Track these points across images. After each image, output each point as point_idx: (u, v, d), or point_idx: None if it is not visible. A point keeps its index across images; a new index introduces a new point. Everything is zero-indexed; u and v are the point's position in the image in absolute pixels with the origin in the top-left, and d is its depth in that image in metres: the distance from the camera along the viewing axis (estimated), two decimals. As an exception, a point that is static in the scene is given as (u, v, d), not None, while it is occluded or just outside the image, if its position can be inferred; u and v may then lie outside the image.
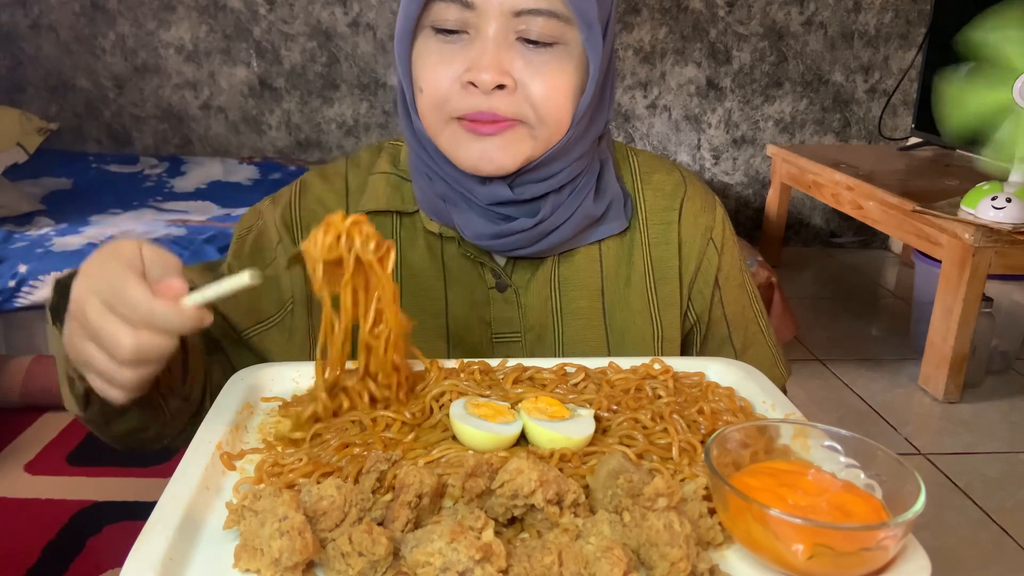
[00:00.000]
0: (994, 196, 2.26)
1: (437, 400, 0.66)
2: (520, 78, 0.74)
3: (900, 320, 3.07)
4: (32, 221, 2.43)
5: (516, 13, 0.72)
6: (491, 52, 0.72)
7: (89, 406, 0.71)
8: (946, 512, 1.90)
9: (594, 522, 0.48)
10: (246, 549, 0.46)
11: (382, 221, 0.85)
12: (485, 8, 0.72)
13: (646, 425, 0.63)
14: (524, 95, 0.74)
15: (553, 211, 0.81)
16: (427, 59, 0.75)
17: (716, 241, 0.90)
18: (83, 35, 3.30)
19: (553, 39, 0.74)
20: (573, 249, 0.86)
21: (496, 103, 0.73)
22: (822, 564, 0.47)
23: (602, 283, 0.87)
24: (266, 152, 3.52)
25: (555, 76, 0.74)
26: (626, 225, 0.87)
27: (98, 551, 1.65)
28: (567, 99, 0.76)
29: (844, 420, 2.29)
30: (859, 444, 0.55)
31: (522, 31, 0.73)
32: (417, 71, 0.76)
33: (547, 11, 0.72)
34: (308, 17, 3.36)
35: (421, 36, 0.76)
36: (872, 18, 3.55)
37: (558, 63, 0.74)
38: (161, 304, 0.57)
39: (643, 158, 0.93)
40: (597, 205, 0.84)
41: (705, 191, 0.92)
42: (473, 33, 0.74)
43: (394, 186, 0.87)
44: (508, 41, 0.73)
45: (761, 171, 3.73)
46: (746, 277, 0.94)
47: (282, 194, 0.89)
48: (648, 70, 3.55)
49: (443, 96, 0.75)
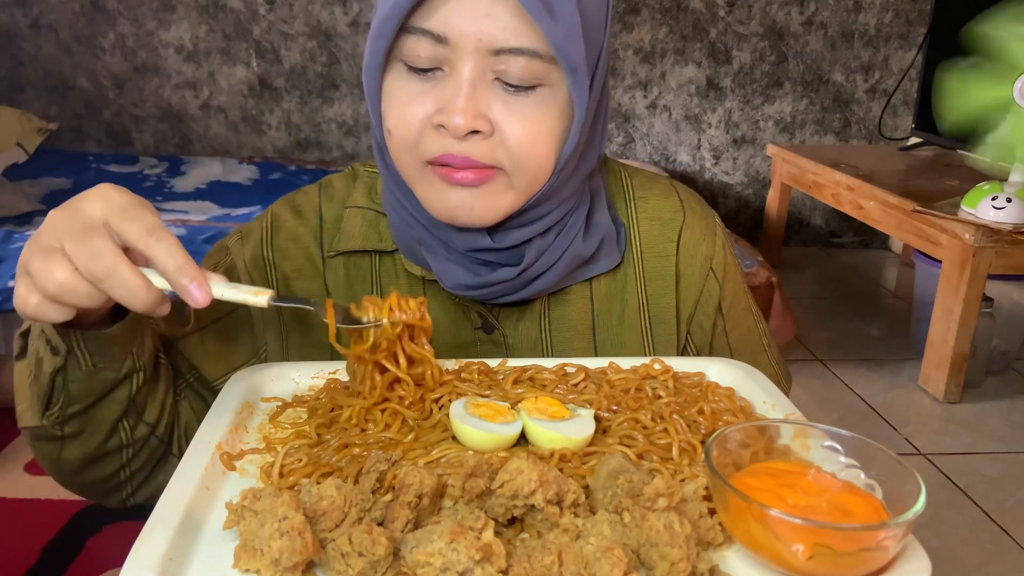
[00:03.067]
0: (994, 196, 2.26)
1: (436, 400, 0.66)
2: (497, 121, 0.67)
3: (900, 320, 3.07)
4: (32, 221, 2.43)
5: (495, 52, 0.65)
6: (465, 93, 0.65)
7: (51, 404, 0.66)
8: (946, 512, 1.90)
9: (594, 522, 0.48)
10: (246, 549, 0.46)
11: (359, 261, 0.81)
12: (460, 44, 0.65)
13: (646, 425, 0.63)
14: (501, 140, 0.68)
15: (538, 256, 0.76)
16: (396, 97, 0.69)
17: (717, 271, 0.85)
18: (83, 35, 3.30)
19: (535, 80, 0.67)
20: (564, 288, 0.81)
21: (470, 148, 0.67)
22: (822, 564, 0.47)
23: (593, 321, 0.82)
24: (266, 152, 3.52)
25: (536, 123, 0.68)
26: (619, 260, 0.82)
27: (98, 551, 1.65)
28: (548, 147, 0.69)
29: (844, 420, 2.29)
30: (859, 444, 0.55)
31: (501, 72, 0.66)
32: (385, 110, 0.70)
33: (529, 51, 0.65)
34: (308, 17, 3.36)
35: (392, 71, 0.69)
36: (872, 18, 3.55)
37: (540, 108, 0.68)
38: (128, 267, 0.56)
39: (638, 180, 0.87)
40: (587, 244, 0.79)
41: (704, 214, 0.87)
42: (447, 70, 0.67)
43: (371, 223, 0.81)
44: (485, 81, 0.66)
45: (761, 171, 3.73)
46: (749, 298, 0.90)
47: (252, 230, 0.82)
48: (648, 70, 3.55)
49: (412, 139, 0.68)
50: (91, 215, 0.56)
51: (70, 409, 0.66)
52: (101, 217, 0.56)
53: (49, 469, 0.72)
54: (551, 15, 0.64)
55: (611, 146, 3.65)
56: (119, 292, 0.56)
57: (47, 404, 0.66)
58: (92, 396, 0.66)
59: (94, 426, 0.68)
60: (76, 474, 0.71)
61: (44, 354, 0.64)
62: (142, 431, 0.71)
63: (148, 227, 0.57)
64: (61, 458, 0.70)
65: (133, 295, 0.56)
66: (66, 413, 0.67)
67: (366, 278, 0.81)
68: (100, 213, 0.57)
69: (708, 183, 3.75)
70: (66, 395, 0.66)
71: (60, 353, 0.63)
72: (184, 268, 0.57)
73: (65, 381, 0.65)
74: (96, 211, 0.57)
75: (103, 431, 0.69)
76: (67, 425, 0.67)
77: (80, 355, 0.64)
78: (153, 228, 0.57)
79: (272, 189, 2.96)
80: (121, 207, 0.57)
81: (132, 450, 0.71)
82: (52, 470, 0.72)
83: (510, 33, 0.64)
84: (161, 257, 0.57)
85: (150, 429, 0.72)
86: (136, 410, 0.70)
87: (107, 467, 0.71)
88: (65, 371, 0.64)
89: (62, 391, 0.65)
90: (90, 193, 0.58)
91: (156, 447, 0.73)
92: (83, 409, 0.67)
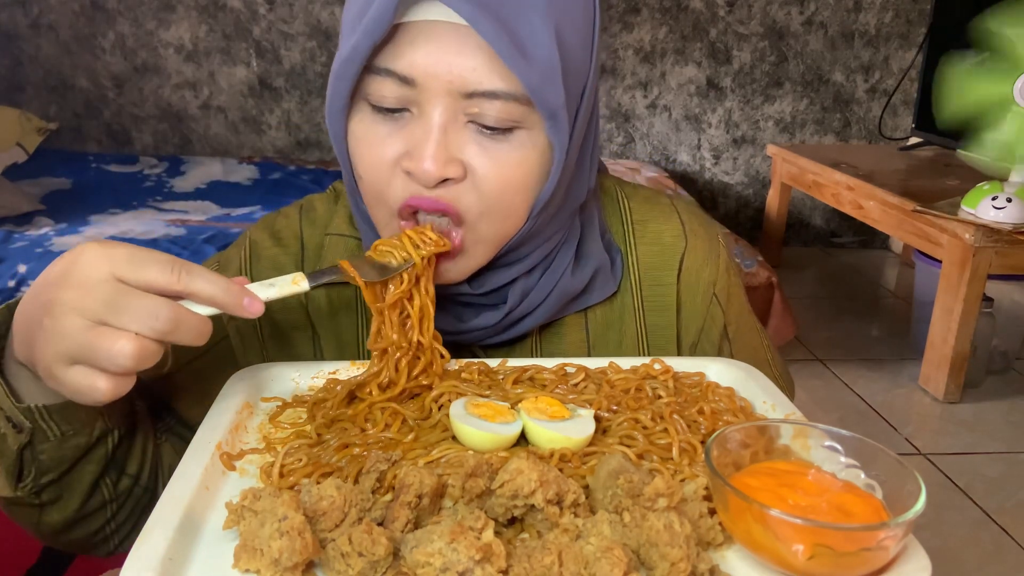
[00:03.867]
0: (994, 196, 2.26)
1: (436, 400, 0.66)
2: (471, 164, 0.63)
3: (900, 320, 3.07)
4: (32, 221, 2.43)
5: (467, 95, 0.60)
6: (435, 139, 0.61)
7: (23, 475, 0.61)
8: (946, 512, 1.90)
9: (594, 522, 0.48)
10: (246, 549, 0.46)
11: (342, 291, 0.77)
12: (429, 86, 0.60)
13: (646, 425, 0.63)
14: (473, 184, 0.63)
15: (523, 298, 0.72)
16: (363, 139, 0.64)
17: (720, 296, 0.81)
18: (83, 35, 3.30)
19: (513, 123, 0.62)
20: (558, 319, 0.78)
21: (440, 193, 0.63)
22: (822, 564, 0.46)
23: (589, 352, 0.79)
24: (266, 152, 3.52)
25: (512, 167, 0.63)
26: (615, 290, 0.78)
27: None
28: (522, 195, 0.65)
29: (844, 420, 2.29)
30: (859, 444, 0.55)
31: (475, 115, 0.61)
32: (354, 154, 0.65)
33: (504, 93, 0.60)
34: (308, 17, 3.36)
35: (357, 111, 0.64)
36: (872, 18, 3.55)
37: (518, 152, 0.63)
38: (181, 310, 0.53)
39: (636, 202, 0.82)
40: (578, 278, 0.75)
41: (707, 236, 0.82)
42: (416, 111, 0.62)
43: (353, 252, 0.77)
44: (458, 123, 0.62)
45: (761, 171, 3.73)
46: (751, 316, 0.87)
47: (230, 258, 0.79)
48: (648, 70, 3.55)
49: (381, 187, 0.65)
50: (104, 278, 0.51)
51: (44, 479, 0.63)
52: (117, 275, 0.52)
53: (30, 532, 0.68)
54: (524, 56, 0.59)
55: (611, 146, 3.65)
56: (186, 337, 0.53)
57: (19, 476, 0.62)
58: (65, 463, 0.63)
59: (72, 490, 0.65)
60: (59, 535, 0.68)
61: (6, 430, 0.59)
62: (125, 484, 0.68)
63: (166, 265, 0.53)
64: (41, 522, 0.66)
65: (199, 334, 0.54)
66: (40, 483, 0.63)
67: (350, 306, 0.78)
68: (108, 272, 0.52)
69: (708, 183, 3.75)
70: (37, 466, 0.62)
71: (24, 430, 0.59)
72: (230, 288, 0.55)
73: (34, 454, 0.61)
74: (103, 273, 0.52)
75: (83, 493, 0.65)
76: (44, 493, 0.64)
77: (46, 427, 0.60)
78: (172, 263, 0.53)
79: (272, 189, 2.96)
80: (124, 259, 0.52)
81: (116, 504, 0.68)
82: (34, 533, 0.68)
83: (483, 74, 0.60)
84: (202, 287, 0.54)
85: (133, 480, 0.69)
86: (117, 466, 0.67)
87: (91, 525, 0.68)
88: (32, 445, 0.60)
89: (32, 464, 0.62)
90: (81, 259, 0.52)
91: (141, 496, 0.70)
92: (58, 476, 0.63)
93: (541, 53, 0.60)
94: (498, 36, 0.57)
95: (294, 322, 0.79)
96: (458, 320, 0.73)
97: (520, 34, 0.59)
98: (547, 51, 0.60)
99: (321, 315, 0.79)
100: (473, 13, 0.57)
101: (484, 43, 0.59)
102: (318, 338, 0.79)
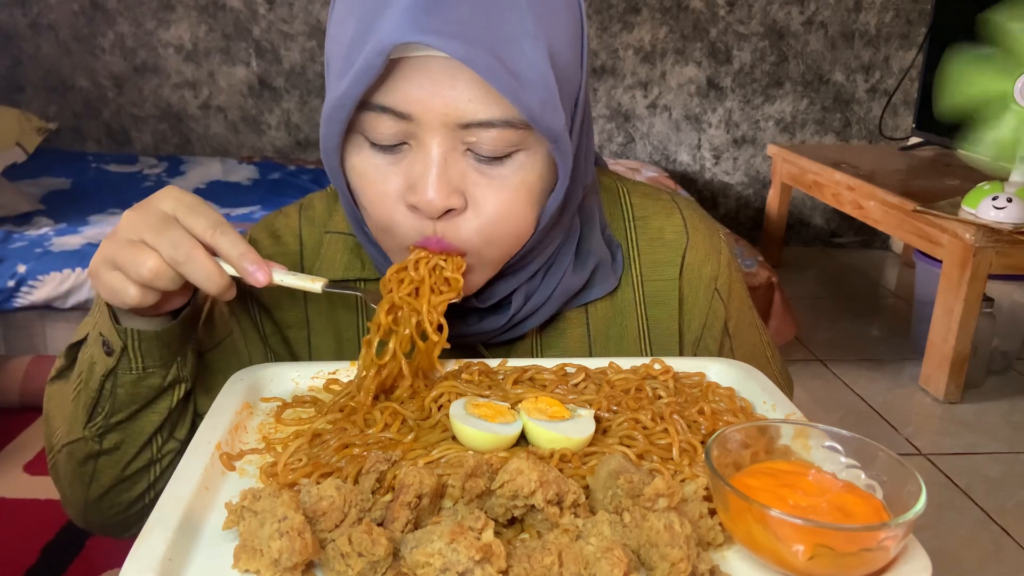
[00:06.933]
0: (995, 196, 2.26)
1: (436, 400, 0.66)
2: (472, 193, 0.64)
3: (901, 320, 3.07)
4: (31, 221, 2.43)
5: (463, 125, 0.61)
6: (435, 171, 0.61)
7: (94, 415, 0.68)
8: (947, 512, 1.90)
9: (594, 523, 0.48)
10: (245, 549, 0.46)
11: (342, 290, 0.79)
12: (425, 120, 0.60)
13: (646, 425, 0.63)
14: (475, 213, 0.64)
15: (526, 301, 0.74)
16: (364, 174, 0.65)
17: (722, 291, 0.82)
18: (82, 35, 3.30)
19: (511, 148, 0.63)
20: (559, 315, 0.79)
21: (444, 228, 0.64)
22: (823, 565, 0.46)
23: (590, 348, 0.79)
24: (265, 152, 3.52)
25: (514, 191, 0.64)
26: (615, 284, 0.79)
27: (97, 551, 1.65)
28: (525, 217, 0.66)
29: (845, 420, 2.29)
30: (860, 444, 0.55)
31: (472, 143, 0.62)
32: (357, 187, 0.67)
33: (500, 122, 0.61)
34: (308, 16, 3.36)
35: (353, 144, 0.65)
36: (873, 18, 3.55)
37: (519, 175, 0.64)
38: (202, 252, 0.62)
39: (637, 198, 0.83)
40: (578, 275, 0.76)
41: (708, 232, 0.83)
42: (414, 144, 0.63)
43: (352, 250, 0.78)
44: (456, 153, 0.63)
45: (761, 171, 3.73)
46: (752, 312, 0.88)
47: None
48: (648, 70, 3.55)
49: (387, 222, 0.66)
50: (164, 211, 0.63)
51: (114, 418, 0.69)
52: (172, 212, 0.63)
53: (77, 496, 0.73)
54: (520, 83, 0.58)
55: (611, 146, 3.65)
56: (197, 275, 0.62)
57: (91, 414, 0.69)
58: (136, 403, 0.69)
59: (132, 438, 0.70)
60: (103, 498, 0.73)
61: (98, 357, 0.67)
62: (171, 446, 0.73)
63: (213, 222, 0.63)
64: (93, 479, 0.72)
65: (208, 278, 0.62)
66: (109, 422, 0.69)
67: (350, 305, 0.79)
68: (171, 209, 0.63)
69: (708, 183, 3.75)
70: (112, 402, 0.68)
71: (114, 353, 0.66)
72: (247, 255, 0.64)
73: (113, 386, 0.68)
74: (167, 207, 0.63)
75: (139, 444, 0.71)
76: (107, 437, 0.70)
77: (132, 356, 0.67)
78: (218, 223, 0.63)
79: (272, 189, 2.96)
80: (188, 205, 0.63)
81: (159, 467, 0.73)
82: (80, 496, 0.73)
83: (478, 105, 0.60)
84: (226, 246, 0.63)
85: (179, 445, 0.73)
86: (171, 424, 0.72)
87: (133, 490, 0.73)
88: (115, 374, 0.67)
89: (109, 398, 0.68)
90: (160, 194, 0.65)
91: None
92: (126, 418, 0.69)
93: (538, 80, 0.60)
94: (492, 71, 0.57)
95: (293, 320, 0.80)
96: (465, 324, 0.74)
97: (514, 65, 0.58)
98: (543, 77, 0.60)
99: (320, 314, 0.79)
100: (467, 52, 0.57)
101: (476, 72, 0.58)
102: (317, 336, 0.80)
